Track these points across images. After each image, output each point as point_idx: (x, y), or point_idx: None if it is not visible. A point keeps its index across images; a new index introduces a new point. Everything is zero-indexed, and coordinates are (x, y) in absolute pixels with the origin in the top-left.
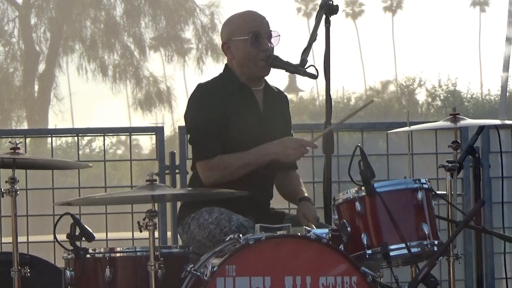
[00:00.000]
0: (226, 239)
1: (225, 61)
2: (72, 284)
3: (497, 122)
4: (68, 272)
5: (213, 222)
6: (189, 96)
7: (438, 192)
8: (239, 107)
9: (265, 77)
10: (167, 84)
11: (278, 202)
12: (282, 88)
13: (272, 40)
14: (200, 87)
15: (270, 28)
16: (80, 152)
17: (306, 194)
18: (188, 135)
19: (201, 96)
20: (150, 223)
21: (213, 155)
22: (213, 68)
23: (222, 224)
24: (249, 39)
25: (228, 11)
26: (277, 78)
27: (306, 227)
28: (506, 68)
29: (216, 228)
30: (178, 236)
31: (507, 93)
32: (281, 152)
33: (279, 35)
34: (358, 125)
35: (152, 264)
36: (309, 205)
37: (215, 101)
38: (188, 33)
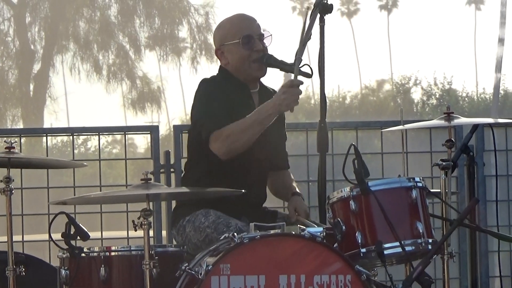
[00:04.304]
0: (221, 238)
1: (219, 62)
2: (67, 283)
3: (490, 120)
4: (63, 271)
5: (210, 226)
6: (194, 91)
7: (432, 190)
8: (238, 106)
9: (261, 78)
10: (162, 83)
11: (270, 201)
12: (277, 87)
13: (264, 40)
14: (206, 81)
15: (262, 28)
16: (75, 151)
17: (298, 190)
18: (192, 126)
19: (207, 88)
20: (145, 222)
21: (219, 126)
22: (207, 68)
23: (219, 229)
24: (240, 42)
25: (223, 11)
26: (272, 77)
27: (300, 226)
28: (498, 69)
29: (214, 232)
30: (173, 239)
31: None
32: (279, 102)
33: (270, 35)
34: (352, 124)
35: (147, 263)
36: (300, 199)
37: (220, 94)
38: (182, 32)
